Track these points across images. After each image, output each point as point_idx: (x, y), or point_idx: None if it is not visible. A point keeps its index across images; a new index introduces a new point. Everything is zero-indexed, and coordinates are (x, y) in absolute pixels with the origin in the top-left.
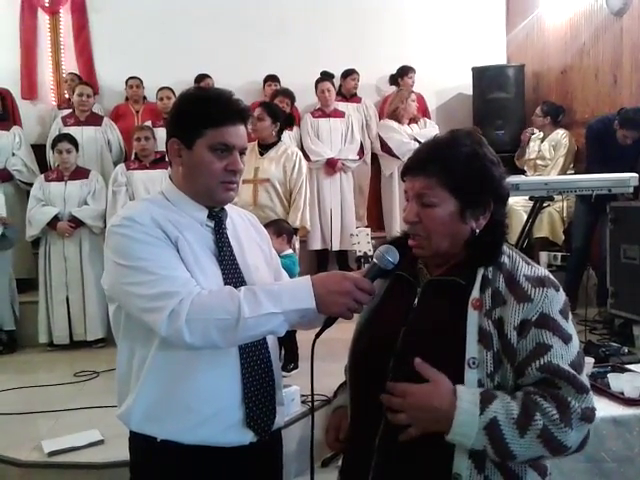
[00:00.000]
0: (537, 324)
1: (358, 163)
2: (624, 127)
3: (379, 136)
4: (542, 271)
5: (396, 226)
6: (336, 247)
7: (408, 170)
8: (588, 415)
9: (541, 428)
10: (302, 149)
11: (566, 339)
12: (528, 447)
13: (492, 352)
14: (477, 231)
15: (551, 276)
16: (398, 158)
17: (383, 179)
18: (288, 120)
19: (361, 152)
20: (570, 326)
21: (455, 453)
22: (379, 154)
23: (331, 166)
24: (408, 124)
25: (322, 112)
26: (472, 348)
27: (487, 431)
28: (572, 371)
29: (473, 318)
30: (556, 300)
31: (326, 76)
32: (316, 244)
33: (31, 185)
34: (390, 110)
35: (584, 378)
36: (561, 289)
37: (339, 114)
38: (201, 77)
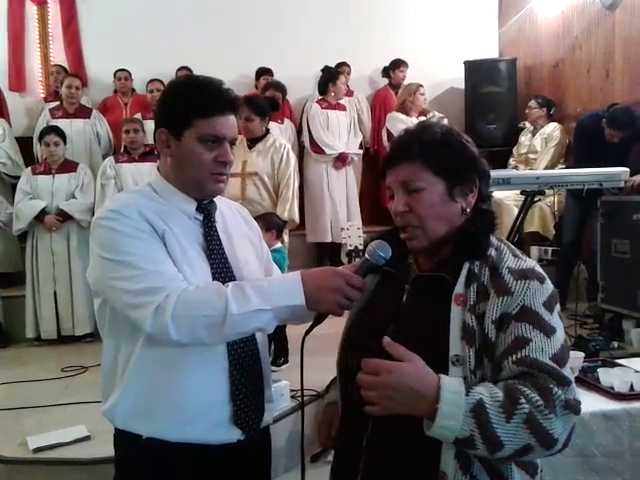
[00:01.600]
0: (517, 318)
1: (359, 156)
2: (611, 126)
3: (387, 128)
4: (528, 263)
5: None
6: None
7: (389, 163)
8: (572, 404)
9: (527, 413)
10: (312, 140)
11: (548, 332)
12: (514, 433)
13: (474, 348)
14: (467, 210)
15: (537, 268)
16: None
17: None
18: (273, 106)
19: (361, 146)
20: (555, 319)
21: (442, 452)
22: (385, 145)
23: (342, 161)
24: (417, 117)
25: (328, 104)
26: (455, 345)
27: (474, 414)
28: (552, 364)
29: (456, 314)
30: (539, 292)
31: (334, 71)
32: (327, 236)
33: (16, 178)
34: (398, 103)
35: (567, 371)
36: (547, 281)
37: (342, 107)
38: (179, 70)
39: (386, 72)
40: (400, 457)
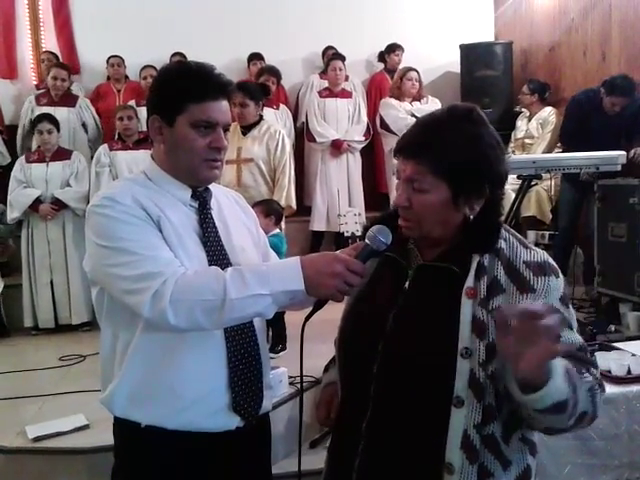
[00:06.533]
0: None
1: (364, 144)
2: (612, 94)
3: (379, 114)
4: (540, 255)
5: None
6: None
7: (400, 151)
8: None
9: (591, 383)
10: (307, 129)
11: (571, 326)
12: (584, 400)
13: (486, 342)
14: (470, 217)
15: (550, 260)
16: (396, 134)
17: (385, 156)
18: (264, 91)
19: (367, 133)
20: (571, 312)
21: (447, 441)
22: (379, 131)
23: (336, 147)
24: (410, 102)
25: (330, 92)
26: (465, 338)
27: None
28: (581, 353)
29: (467, 307)
30: (557, 288)
31: (337, 55)
32: (320, 225)
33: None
34: (391, 88)
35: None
36: (560, 274)
37: (346, 94)
38: (173, 56)
39: (382, 56)
40: (401, 444)
